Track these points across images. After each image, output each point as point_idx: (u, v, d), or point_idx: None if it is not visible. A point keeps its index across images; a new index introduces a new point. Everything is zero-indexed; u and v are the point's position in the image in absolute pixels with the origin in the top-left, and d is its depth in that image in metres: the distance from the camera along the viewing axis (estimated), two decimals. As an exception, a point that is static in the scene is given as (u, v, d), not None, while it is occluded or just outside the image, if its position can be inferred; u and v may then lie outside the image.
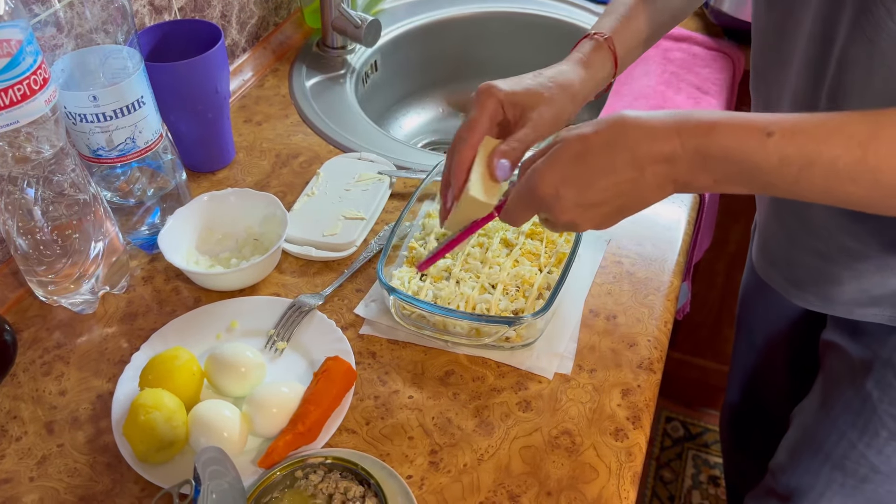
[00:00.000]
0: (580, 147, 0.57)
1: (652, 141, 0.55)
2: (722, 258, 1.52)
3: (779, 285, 0.81)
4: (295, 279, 0.83)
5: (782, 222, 0.77)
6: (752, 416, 1.14)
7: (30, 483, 0.65)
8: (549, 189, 0.58)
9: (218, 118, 0.93)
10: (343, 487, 0.60)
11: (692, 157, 0.54)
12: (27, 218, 0.72)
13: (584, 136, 0.57)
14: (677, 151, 0.54)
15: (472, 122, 0.67)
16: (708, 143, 0.53)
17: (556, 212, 0.59)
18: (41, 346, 0.77)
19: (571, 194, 0.58)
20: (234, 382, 0.69)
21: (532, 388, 0.71)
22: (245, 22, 1.12)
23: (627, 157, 0.55)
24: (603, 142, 0.56)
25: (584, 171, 0.57)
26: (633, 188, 0.57)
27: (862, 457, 0.79)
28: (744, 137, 0.52)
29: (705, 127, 0.54)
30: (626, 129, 0.56)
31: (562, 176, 0.58)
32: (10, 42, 0.62)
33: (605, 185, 0.57)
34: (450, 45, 1.31)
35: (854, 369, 0.77)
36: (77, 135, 0.77)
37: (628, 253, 0.84)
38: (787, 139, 0.51)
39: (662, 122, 0.55)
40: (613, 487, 0.63)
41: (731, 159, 0.53)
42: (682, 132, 0.54)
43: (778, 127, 0.52)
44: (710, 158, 0.54)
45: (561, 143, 0.59)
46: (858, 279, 0.72)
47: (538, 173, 0.59)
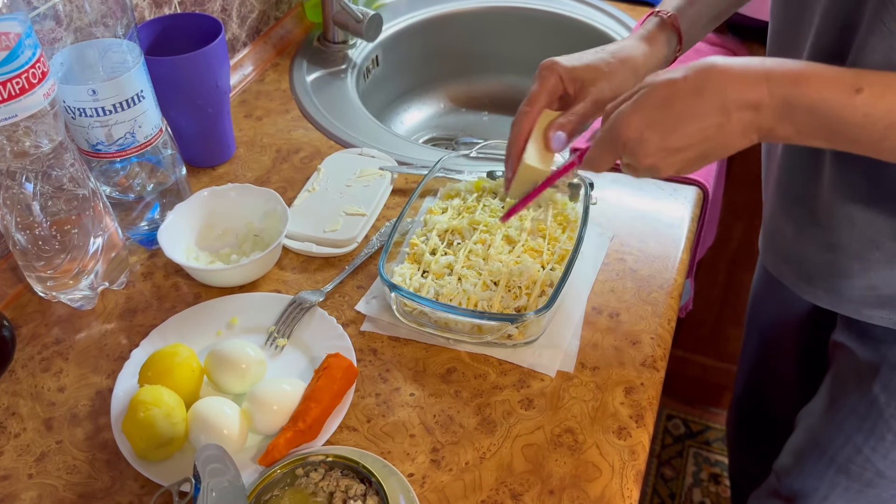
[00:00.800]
0: (667, 92, 0.58)
1: (740, 87, 0.55)
2: (724, 255, 1.52)
3: (788, 280, 0.80)
4: (296, 275, 0.82)
5: (791, 216, 0.77)
6: (758, 415, 1.13)
7: (28, 480, 0.65)
8: (633, 133, 0.59)
9: (218, 113, 0.93)
10: (344, 485, 0.60)
11: (779, 105, 0.54)
12: (26, 213, 0.71)
13: (671, 81, 0.58)
14: (764, 99, 0.55)
15: (532, 96, 0.70)
16: (795, 94, 0.54)
17: (640, 156, 0.60)
18: (40, 342, 0.76)
19: (656, 138, 0.58)
20: (235, 379, 0.69)
21: (534, 386, 0.70)
22: (245, 16, 1.12)
23: (715, 102, 0.56)
24: (691, 87, 0.57)
25: (670, 115, 0.58)
26: (718, 133, 0.57)
27: (867, 461, 0.78)
28: (832, 91, 0.53)
29: (794, 76, 0.54)
30: (715, 74, 0.56)
31: (647, 120, 0.58)
32: (8, 35, 0.61)
33: (690, 130, 0.57)
34: (451, 40, 1.30)
35: (861, 372, 0.77)
36: (76, 129, 0.76)
37: (631, 250, 0.83)
38: (877, 97, 0.52)
39: (752, 69, 0.55)
40: (616, 486, 0.63)
41: (816, 112, 0.54)
42: (770, 80, 0.54)
43: (868, 83, 0.52)
44: (796, 109, 0.54)
45: (648, 88, 0.59)
46: (867, 272, 0.71)
47: (623, 117, 0.60)
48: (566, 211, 0.82)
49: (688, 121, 0.57)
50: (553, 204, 0.82)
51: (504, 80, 1.34)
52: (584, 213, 0.78)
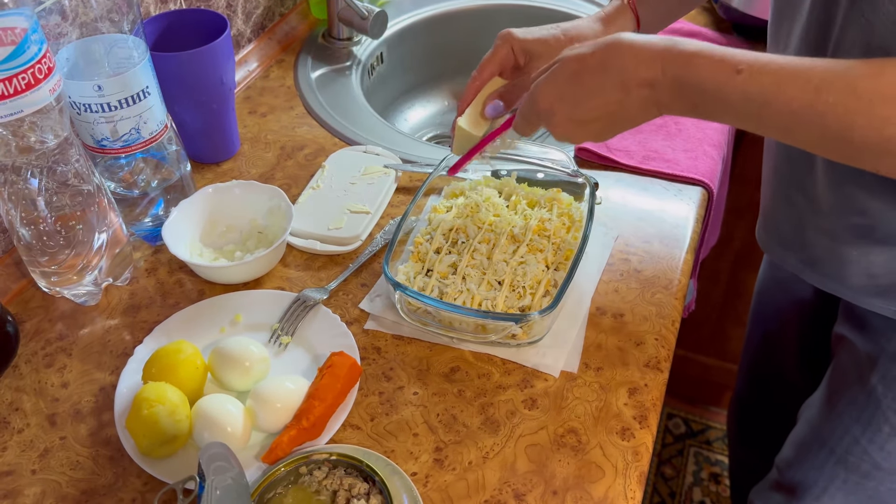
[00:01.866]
0: (576, 66, 0.61)
1: (637, 65, 0.59)
2: (726, 255, 1.52)
3: (793, 266, 0.81)
4: (299, 273, 0.82)
5: (791, 203, 0.77)
6: (760, 410, 1.13)
7: (32, 476, 0.65)
8: (545, 104, 0.64)
9: (223, 109, 0.93)
10: (347, 484, 0.60)
11: (671, 83, 0.58)
12: (30, 208, 0.71)
13: (581, 56, 0.61)
14: (658, 77, 0.58)
15: (483, 62, 0.75)
16: (684, 73, 0.57)
17: (552, 125, 0.64)
18: (43, 338, 0.76)
19: (565, 110, 0.63)
20: (238, 377, 0.69)
21: (538, 386, 0.70)
22: (251, 12, 1.11)
23: (616, 78, 0.59)
24: (597, 62, 0.60)
25: (577, 89, 0.62)
26: (619, 108, 0.61)
27: (864, 453, 0.78)
28: (716, 71, 0.56)
29: (685, 57, 0.57)
30: (620, 51, 0.59)
31: (558, 93, 0.63)
32: (14, 30, 0.61)
33: (594, 104, 0.61)
34: (456, 38, 1.30)
35: (861, 364, 0.77)
36: (81, 125, 0.76)
37: (636, 250, 0.83)
38: (753, 77, 0.55)
39: (651, 47, 0.59)
40: (620, 487, 0.63)
41: (703, 90, 0.57)
42: (664, 59, 0.58)
43: (747, 65, 0.55)
44: (686, 87, 0.58)
45: (561, 62, 0.63)
46: (866, 256, 0.72)
47: (539, 88, 0.64)
48: (571, 211, 0.82)
49: (592, 95, 0.61)
50: (558, 203, 0.82)
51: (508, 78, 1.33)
52: (588, 212, 0.78)
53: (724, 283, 1.57)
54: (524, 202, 0.83)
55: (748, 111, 0.56)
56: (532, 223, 0.80)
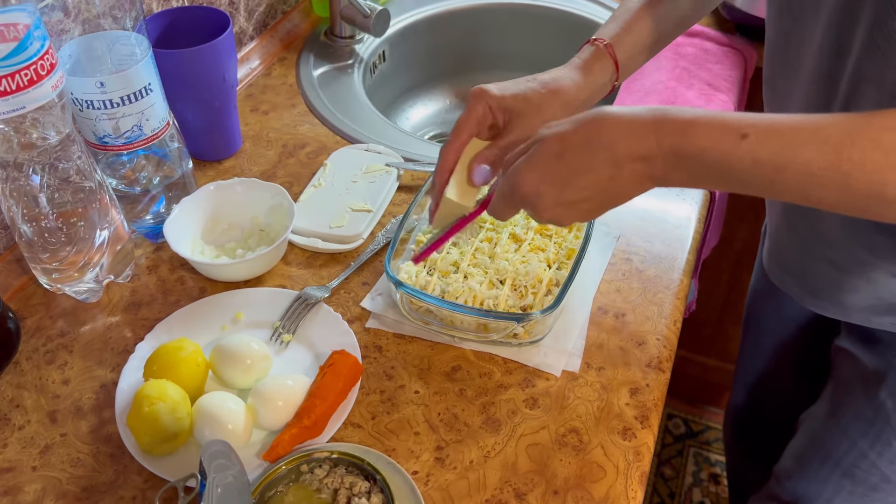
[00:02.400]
0: (559, 146, 0.57)
1: (628, 139, 0.55)
2: (727, 256, 1.51)
3: (794, 293, 0.80)
4: (301, 271, 0.82)
5: (795, 231, 0.76)
6: (756, 418, 1.13)
7: (32, 472, 0.65)
8: (529, 189, 0.59)
9: (225, 107, 0.93)
10: (349, 482, 0.60)
11: (667, 155, 0.54)
12: (32, 205, 0.71)
13: (562, 134, 0.57)
14: (653, 150, 0.54)
15: (458, 124, 0.68)
16: (683, 143, 0.53)
17: (539, 210, 0.59)
18: (44, 335, 0.76)
19: (552, 193, 0.58)
20: (240, 374, 0.68)
21: (539, 386, 0.70)
22: (253, 10, 1.11)
23: (605, 155, 0.56)
24: (581, 140, 0.56)
25: (563, 170, 0.57)
26: (611, 185, 0.57)
27: (873, 466, 0.78)
28: (718, 139, 0.52)
29: (681, 126, 0.53)
30: (604, 127, 0.56)
31: (541, 175, 0.58)
32: (17, 26, 0.61)
33: (584, 183, 0.57)
34: (458, 37, 1.30)
35: (867, 378, 0.77)
36: (83, 121, 0.76)
37: (638, 250, 0.83)
38: (762, 142, 0.51)
39: (640, 119, 0.55)
40: (621, 487, 0.63)
41: (704, 160, 0.53)
42: (658, 131, 0.54)
43: (753, 129, 0.51)
44: (685, 158, 0.54)
45: (540, 143, 0.58)
46: (874, 286, 0.71)
47: (518, 173, 0.59)
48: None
49: (581, 174, 0.57)
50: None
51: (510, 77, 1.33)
52: (591, 212, 0.78)
53: (725, 284, 1.57)
54: None
55: (759, 178, 0.52)
56: (534, 222, 0.80)
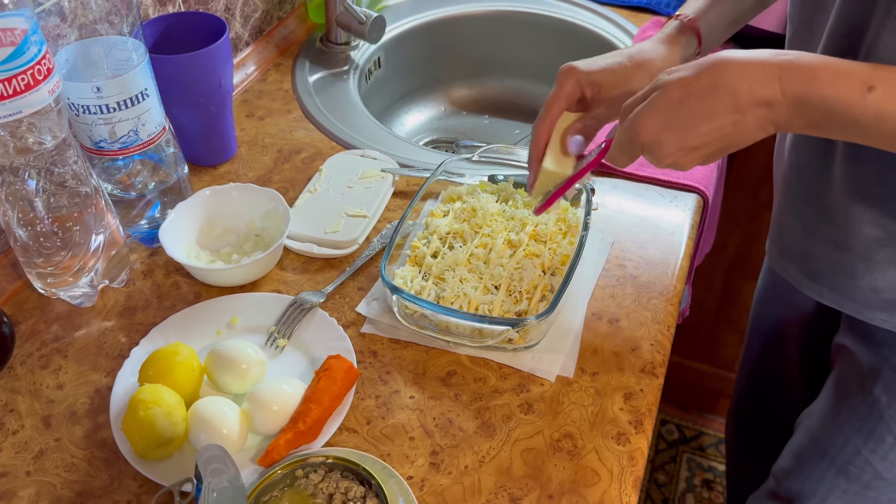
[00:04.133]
0: (681, 92, 0.58)
1: (752, 84, 0.55)
2: (721, 262, 1.52)
3: (793, 277, 0.81)
4: (296, 276, 0.82)
5: (799, 213, 0.77)
6: (759, 418, 1.13)
7: (26, 477, 0.65)
8: (650, 135, 0.60)
9: (221, 112, 0.93)
10: (344, 487, 0.60)
11: (791, 103, 0.55)
12: (28, 209, 0.71)
13: (685, 79, 0.58)
14: (777, 96, 0.55)
15: (549, 100, 0.72)
16: (808, 92, 0.54)
17: (659, 156, 0.61)
18: (39, 339, 0.76)
19: (673, 139, 0.59)
20: (235, 379, 0.68)
21: (534, 391, 0.70)
22: (249, 16, 1.12)
23: (729, 101, 0.56)
24: (704, 86, 0.57)
25: (685, 116, 0.58)
26: (734, 130, 0.57)
27: (866, 463, 0.79)
28: (845, 89, 0.53)
29: (806, 73, 0.54)
30: (728, 71, 0.56)
31: (663, 122, 0.59)
32: (14, 31, 0.61)
33: (707, 129, 0.58)
34: (454, 44, 1.31)
35: (863, 374, 0.77)
36: (79, 126, 0.76)
37: (632, 256, 0.83)
38: (888, 95, 0.52)
39: (763, 64, 0.55)
40: (615, 492, 0.63)
41: (829, 109, 0.54)
42: (783, 77, 0.55)
43: (881, 82, 0.52)
44: (809, 107, 0.55)
45: (662, 88, 0.59)
46: (872, 272, 0.72)
47: (639, 119, 0.60)
48: (567, 216, 0.82)
49: (703, 120, 0.57)
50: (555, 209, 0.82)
51: (505, 84, 1.34)
52: (584, 218, 0.78)
53: (719, 290, 1.58)
54: (521, 207, 0.84)
55: (881, 131, 0.54)
56: (529, 228, 0.80)
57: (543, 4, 1.28)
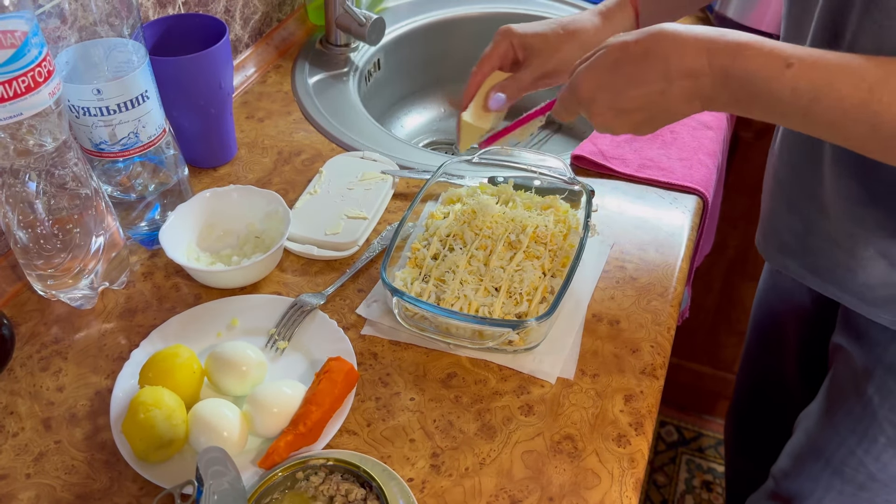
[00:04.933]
0: (619, 54, 0.60)
1: (682, 55, 0.57)
2: (720, 263, 1.52)
3: (795, 272, 0.82)
4: (296, 278, 0.82)
5: (798, 211, 0.78)
6: (758, 419, 1.14)
7: (26, 480, 0.65)
8: (587, 93, 0.62)
9: (221, 114, 0.93)
10: (344, 489, 0.60)
11: (717, 75, 0.57)
12: (28, 211, 0.71)
13: (624, 44, 0.60)
14: (704, 68, 0.57)
15: (483, 57, 0.76)
16: (732, 65, 0.56)
17: (592, 114, 0.63)
18: (39, 341, 0.76)
19: (605, 99, 0.61)
20: (235, 381, 0.68)
21: (534, 393, 0.71)
22: (248, 17, 1.12)
23: (659, 67, 0.58)
24: (640, 51, 0.59)
25: (618, 78, 0.60)
26: (661, 99, 0.59)
27: (860, 463, 0.79)
28: (765, 64, 0.55)
29: (733, 48, 0.56)
30: (663, 40, 0.58)
31: (598, 81, 0.62)
32: (14, 33, 0.61)
33: (636, 93, 0.60)
34: (453, 45, 1.31)
35: (858, 374, 0.78)
36: (79, 128, 0.76)
37: (631, 258, 0.83)
38: (803, 72, 0.54)
39: (695, 38, 0.57)
40: (616, 494, 0.63)
41: (750, 83, 0.56)
42: (711, 50, 0.56)
43: (798, 59, 0.54)
44: (733, 79, 0.56)
45: (604, 50, 0.61)
46: (863, 268, 0.72)
47: (580, 76, 0.63)
48: (567, 218, 0.82)
49: (634, 84, 0.59)
50: (555, 210, 0.83)
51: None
52: (585, 220, 0.78)
53: (718, 292, 1.58)
54: (521, 209, 0.84)
55: (796, 106, 0.55)
56: (529, 230, 0.80)
57: (542, 6, 1.29)
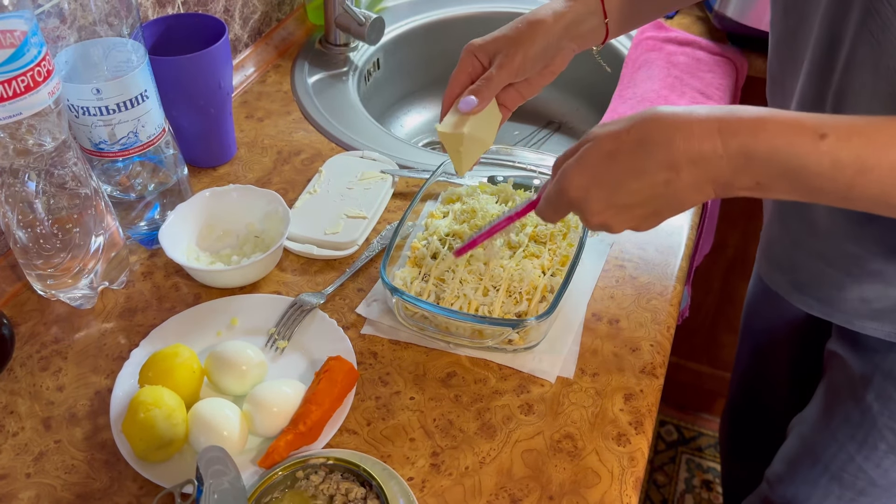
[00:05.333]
0: (611, 146, 0.55)
1: (688, 138, 0.51)
2: (719, 263, 1.52)
3: (782, 289, 0.81)
4: (296, 277, 0.82)
5: (787, 226, 0.77)
6: (752, 422, 1.14)
7: (26, 479, 0.65)
8: (578, 191, 0.57)
9: (220, 113, 0.93)
10: (344, 489, 0.60)
11: (734, 157, 0.51)
12: (27, 211, 0.71)
13: (615, 133, 0.55)
14: (717, 151, 0.51)
15: (452, 78, 0.73)
16: (753, 142, 0.50)
17: (588, 213, 0.57)
18: (39, 341, 0.76)
19: (602, 196, 0.56)
20: (235, 381, 0.68)
21: (534, 392, 0.71)
22: (248, 17, 1.12)
23: (661, 156, 0.52)
24: (635, 140, 0.53)
25: (614, 171, 0.55)
26: (667, 190, 0.54)
27: (860, 470, 0.79)
28: (794, 138, 0.50)
29: (750, 124, 0.51)
30: (660, 125, 0.53)
31: (591, 177, 0.56)
32: (14, 33, 0.61)
33: (636, 186, 0.54)
34: (452, 45, 1.30)
35: (855, 381, 0.77)
36: (79, 128, 0.76)
37: (631, 257, 0.83)
38: (843, 142, 0.49)
39: (700, 118, 0.52)
40: (616, 492, 0.63)
41: (778, 161, 0.50)
42: (724, 129, 0.51)
43: (832, 129, 0.49)
44: (755, 159, 0.51)
45: (592, 142, 0.56)
46: (860, 285, 0.71)
47: (567, 174, 0.57)
48: (567, 217, 0.82)
49: (633, 176, 0.54)
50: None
51: (504, 85, 1.34)
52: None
53: (717, 291, 1.58)
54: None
55: (838, 182, 0.50)
56: (528, 229, 0.80)
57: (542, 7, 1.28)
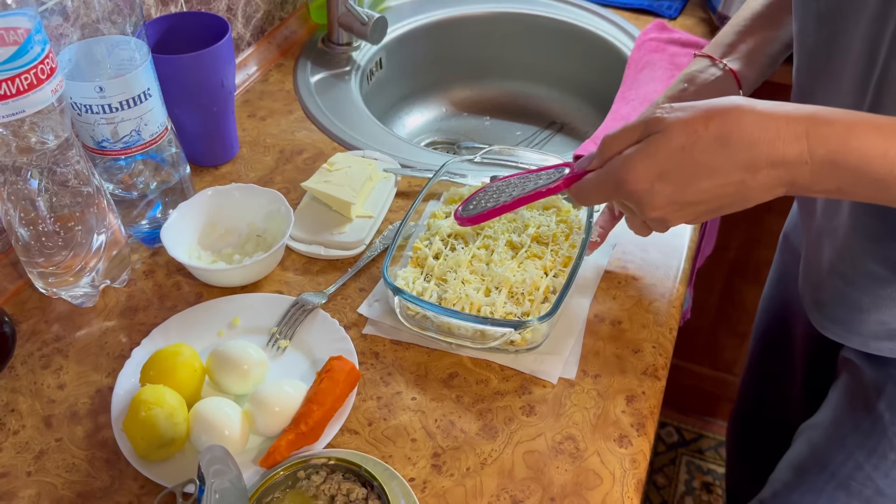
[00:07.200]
0: (684, 139, 0.50)
1: (774, 141, 0.48)
2: (721, 265, 1.52)
3: (807, 304, 0.80)
4: (298, 277, 0.82)
5: (814, 242, 0.77)
6: (759, 426, 1.13)
7: (27, 478, 0.65)
8: (641, 184, 0.53)
9: (223, 112, 0.93)
10: (346, 489, 0.60)
11: (820, 164, 0.48)
12: (30, 208, 0.71)
13: (689, 124, 0.50)
14: (803, 156, 0.48)
15: None
16: (844, 152, 0.48)
17: (647, 208, 0.54)
18: (40, 339, 0.76)
19: (667, 192, 0.52)
20: (237, 380, 0.68)
21: (536, 393, 0.70)
22: (251, 16, 1.12)
23: (742, 157, 0.49)
24: (714, 136, 0.50)
25: (685, 167, 0.51)
26: (738, 190, 0.51)
27: (868, 478, 0.78)
28: (887, 146, 0.47)
29: (842, 131, 0.48)
30: (744, 122, 0.49)
31: (658, 171, 0.52)
32: (17, 30, 0.61)
33: (708, 185, 0.51)
34: (455, 45, 1.31)
35: (868, 390, 0.77)
36: (82, 126, 0.76)
37: (633, 258, 0.83)
38: None
39: (788, 117, 0.48)
40: (617, 494, 0.63)
41: (866, 170, 0.48)
42: (811, 135, 0.48)
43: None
44: (843, 168, 0.48)
45: (661, 133, 0.51)
46: (878, 308, 0.70)
47: (632, 163, 0.53)
48: (570, 218, 0.82)
49: (706, 175, 0.50)
50: (557, 210, 0.83)
51: (506, 86, 1.34)
52: (587, 220, 0.78)
53: (719, 293, 1.58)
54: (523, 209, 0.83)
55: None
56: (531, 230, 0.80)
57: (545, 6, 1.28)
